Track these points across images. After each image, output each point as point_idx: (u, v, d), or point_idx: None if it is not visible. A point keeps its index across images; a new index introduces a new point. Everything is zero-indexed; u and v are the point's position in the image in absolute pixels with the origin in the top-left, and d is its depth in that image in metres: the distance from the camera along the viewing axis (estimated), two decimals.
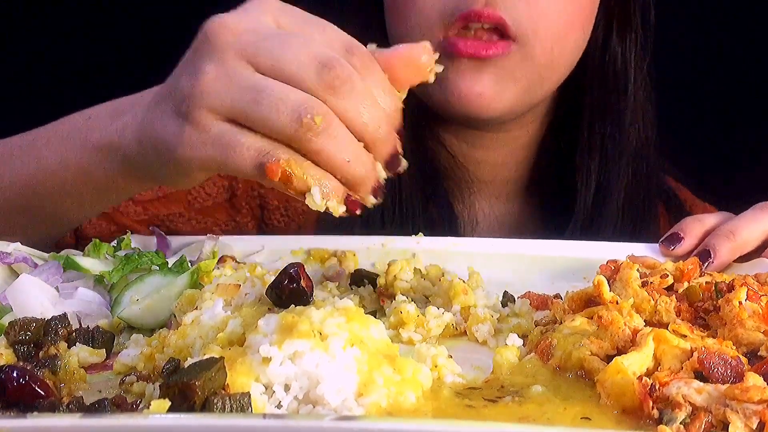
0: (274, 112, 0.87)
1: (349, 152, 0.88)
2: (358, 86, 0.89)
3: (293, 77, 0.88)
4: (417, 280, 1.09)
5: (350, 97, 0.89)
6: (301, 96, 0.88)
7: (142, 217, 1.46)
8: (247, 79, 0.89)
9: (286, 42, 0.90)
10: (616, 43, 1.52)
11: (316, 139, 0.87)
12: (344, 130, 0.89)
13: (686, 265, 1.02)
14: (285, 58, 0.89)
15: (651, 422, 0.74)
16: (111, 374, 0.90)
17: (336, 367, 0.77)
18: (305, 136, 0.87)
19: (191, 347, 0.86)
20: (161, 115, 0.95)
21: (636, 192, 1.53)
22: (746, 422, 0.71)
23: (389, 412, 0.77)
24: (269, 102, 0.87)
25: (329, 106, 0.88)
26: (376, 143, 0.91)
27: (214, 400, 0.72)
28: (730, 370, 0.76)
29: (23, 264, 1.08)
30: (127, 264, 1.05)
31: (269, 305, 0.90)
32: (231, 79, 0.89)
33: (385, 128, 0.91)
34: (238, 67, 0.89)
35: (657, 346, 0.80)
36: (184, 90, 0.91)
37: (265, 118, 0.87)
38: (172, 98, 0.94)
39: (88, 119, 1.16)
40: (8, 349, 0.89)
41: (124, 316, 0.99)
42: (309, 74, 0.88)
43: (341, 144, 0.88)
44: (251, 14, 0.94)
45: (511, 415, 0.76)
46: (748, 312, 0.86)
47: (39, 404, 0.75)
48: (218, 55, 0.90)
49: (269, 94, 0.87)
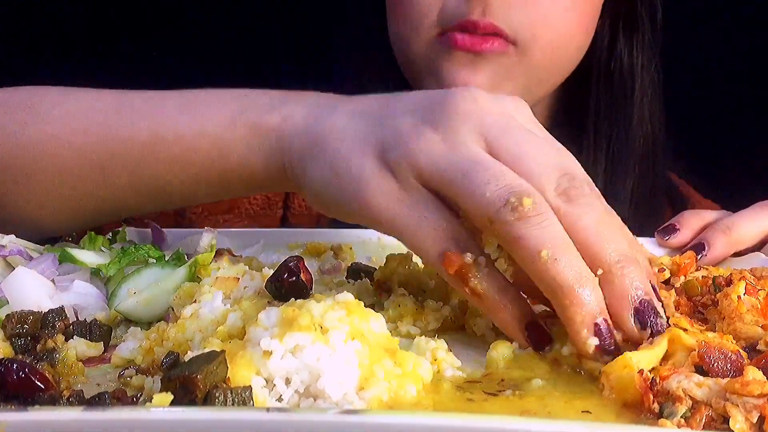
0: (480, 187, 0.76)
1: (565, 254, 0.74)
2: (601, 209, 0.77)
3: (530, 174, 0.77)
4: (414, 274, 1.09)
5: (588, 213, 0.76)
6: (525, 184, 0.76)
7: None
8: (471, 152, 0.79)
9: (537, 143, 0.80)
10: (622, 44, 1.52)
11: (518, 224, 0.74)
12: (563, 232, 0.75)
13: (683, 259, 1.03)
14: (528, 154, 0.79)
15: (652, 416, 0.74)
16: (109, 367, 0.89)
17: (337, 360, 0.77)
18: (506, 217, 0.74)
19: (191, 340, 0.86)
20: (358, 149, 0.85)
21: (643, 192, 1.53)
22: (747, 416, 0.71)
23: (390, 405, 0.77)
24: (481, 177, 0.76)
25: (557, 210, 0.76)
26: (613, 274, 0.75)
27: (215, 394, 0.72)
28: (730, 365, 0.77)
29: (18, 257, 1.07)
30: (124, 257, 1.04)
31: (269, 298, 0.90)
32: (455, 147, 0.80)
33: (632, 263, 0.75)
34: (469, 141, 0.80)
35: (669, 345, 0.80)
36: (401, 139, 0.82)
37: (467, 191, 0.77)
38: (380, 137, 0.84)
39: (245, 99, 1.02)
40: (5, 342, 0.89)
41: (122, 309, 0.98)
42: (548, 176, 0.77)
43: (554, 239, 0.74)
44: (507, 104, 0.85)
45: (513, 409, 0.76)
46: (747, 306, 0.87)
47: (39, 398, 0.74)
48: (455, 120, 0.81)
49: (485, 169, 0.77)
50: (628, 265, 0.76)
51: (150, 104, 1.06)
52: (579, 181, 0.79)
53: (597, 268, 0.76)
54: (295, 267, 0.89)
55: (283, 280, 0.89)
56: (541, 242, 0.74)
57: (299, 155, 0.93)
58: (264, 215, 1.53)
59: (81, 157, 1.06)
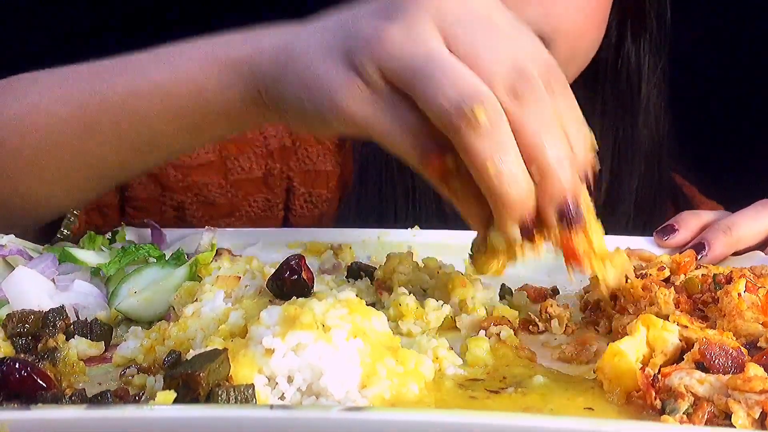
0: (439, 93, 0.78)
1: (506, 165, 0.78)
2: (547, 106, 0.80)
3: (482, 69, 0.79)
4: (414, 273, 1.09)
5: (534, 112, 0.79)
6: (478, 86, 0.78)
7: (181, 184, 1.44)
8: (431, 48, 0.80)
9: (492, 34, 0.82)
10: (630, 44, 1.51)
11: (469, 136, 0.77)
12: (510, 140, 0.79)
13: (683, 257, 1.03)
14: (483, 46, 0.80)
15: (654, 412, 0.75)
16: (110, 366, 0.89)
17: (339, 358, 0.77)
18: (459, 129, 0.77)
19: (192, 339, 0.86)
20: (325, 59, 0.86)
21: (647, 192, 1.53)
22: (749, 412, 0.71)
23: (392, 403, 0.77)
24: (439, 80, 0.78)
25: (507, 111, 0.79)
26: (546, 176, 0.80)
27: (218, 392, 0.72)
28: (731, 361, 0.77)
29: (18, 256, 1.07)
30: (124, 256, 1.04)
31: (270, 297, 0.90)
32: (414, 42, 0.81)
33: (565, 163, 0.80)
34: (428, 35, 0.80)
35: (647, 331, 0.81)
36: (363, 41, 0.83)
37: (426, 95, 0.79)
38: (344, 43, 0.85)
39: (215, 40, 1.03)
40: (6, 342, 0.89)
41: (122, 308, 0.98)
42: (500, 73, 0.79)
43: (499, 150, 0.78)
44: None
45: (515, 406, 0.77)
46: (747, 303, 0.87)
47: (41, 396, 0.74)
48: (413, 14, 0.81)
49: (444, 72, 0.78)
50: (560, 167, 0.81)
51: (124, 63, 1.08)
52: (528, 75, 0.80)
53: (534, 167, 0.81)
54: (297, 265, 0.89)
55: (285, 278, 0.89)
56: (488, 153, 0.79)
57: (272, 78, 0.94)
58: (265, 217, 1.53)
59: (64, 124, 1.07)
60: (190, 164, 1.44)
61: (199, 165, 1.45)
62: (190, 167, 1.44)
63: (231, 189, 1.48)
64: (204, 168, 1.46)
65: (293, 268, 0.89)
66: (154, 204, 1.30)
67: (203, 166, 1.46)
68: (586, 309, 1.02)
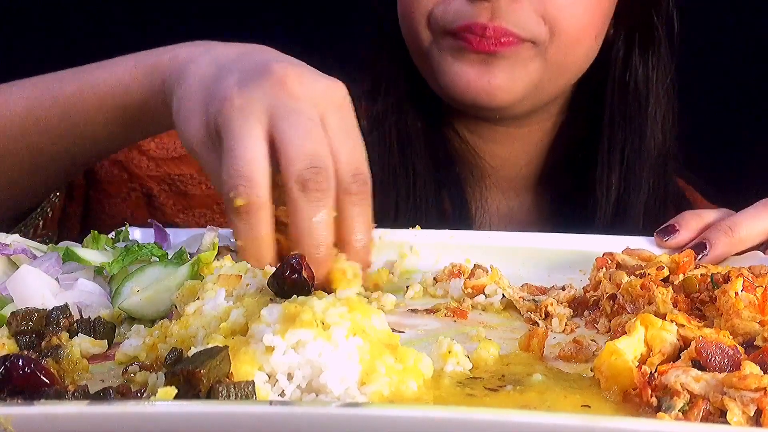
0: (225, 168, 0.92)
1: (246, 248, 0.93)
2: (329, 201, 0.92)
3: (285, 159, 0.92)
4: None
5: (313, 203, 0.92)
6: (255, 172, 0.92)
7: (154, 173, 1.51)
8: (243, 128, 0.93)
9: (311, 132, 0.94)
10: (638, 57, 1.52)
11: (231, 215, 0.93)
12: (261, 226, 0.93)
13: (681, 257, 1.03)
14: (293, 142, 0.93)
15: (650, 410, 0.75)
16: (113, 364, 0.90)
17: (339, 356, 0.78)
18: (228, 207, 0.92)
19: (194, 337, 0.87)
20: (197, 92, 1.02)
21: (654, 200, 1.54)
22: (744, 409, 0.72)
23: (391, 400, 0.78)
24: (230, 160, 0.92)
25: (291, 199, 0.92)
26: (309, 255, 0.92)
27: (218, 388, 0.73)
28: (727, 359, 0.78)
29: (22, 255, 1.08)
30: (127, 255, 1.05)
31: (271, 295, 0.90)
32: (242, 114, 0.94)
33: (323, 252, 0.93)
34: (253, 115, 0.94)
35: (646, 331, 0.81)
36: (218, 100, 0.97)
37: (222, 161, 0.93)
38: (209, 90, 1.00)
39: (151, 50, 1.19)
40: (10, 339, 0.90)
41: (125, 306, 0.99)
42: (297, 166, 0.92)
43: (245, 233, 0.93)
44: (318, 86, 0.98)
45: (513, 404, 0.77)
46: (745, 303, 0.87)
47: (44, 392, 0.75)
48: (255, 94, 0.95)
49: (236, 156, 0.92)
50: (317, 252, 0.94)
51: (75, 70, 1.24)
52: (320, 174, 0.93)
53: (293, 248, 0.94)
54: (297, 264, 0.89)
55: (286, 277, 0.89)
56: (241, 236, 0.94)
57: (170, 89, 1.09)
58: None
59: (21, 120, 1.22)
60: (165, 156, 1.51)
61: (173, 157, 1.52)
62: (164, 159, 1.52)
63: (206, 181, 1.52)
64: (177, 160, 1.53)
65: (294, 267, 0.89)
66: (118, 188, 1.40)
67: (177, 159, 1.53)
68: (586, 308, 1.03)
